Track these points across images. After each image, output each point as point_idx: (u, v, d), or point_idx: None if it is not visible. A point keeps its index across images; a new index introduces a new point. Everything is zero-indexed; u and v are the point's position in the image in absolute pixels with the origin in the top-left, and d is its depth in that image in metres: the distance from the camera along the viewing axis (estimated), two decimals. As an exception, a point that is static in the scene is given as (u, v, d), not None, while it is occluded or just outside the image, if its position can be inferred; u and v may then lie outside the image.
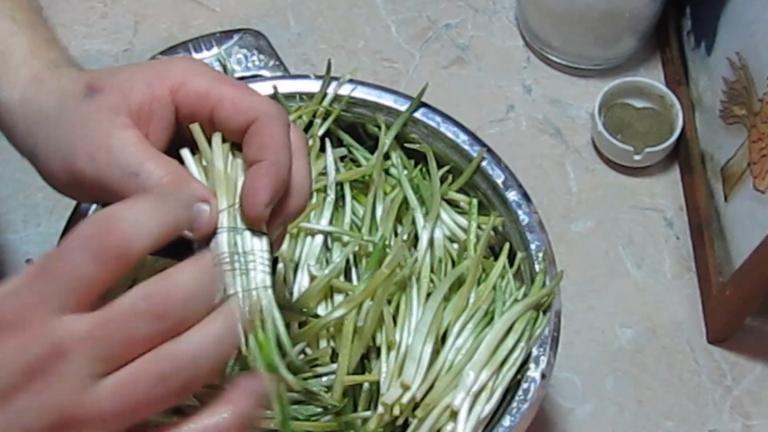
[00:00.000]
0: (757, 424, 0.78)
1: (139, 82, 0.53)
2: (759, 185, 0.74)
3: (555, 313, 0.67)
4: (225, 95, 0.52)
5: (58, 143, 0.53)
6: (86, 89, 0.53)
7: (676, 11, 0.93)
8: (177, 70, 0.53)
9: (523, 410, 0.63)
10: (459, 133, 0.74)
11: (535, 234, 0.70)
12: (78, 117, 0.53)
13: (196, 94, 0.53)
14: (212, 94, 0.52)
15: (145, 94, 0.52)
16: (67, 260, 0.41)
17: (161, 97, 0.53)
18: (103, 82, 0.53)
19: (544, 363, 0.65)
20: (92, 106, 0.53)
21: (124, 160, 0.51)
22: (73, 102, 0.53)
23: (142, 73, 0.53)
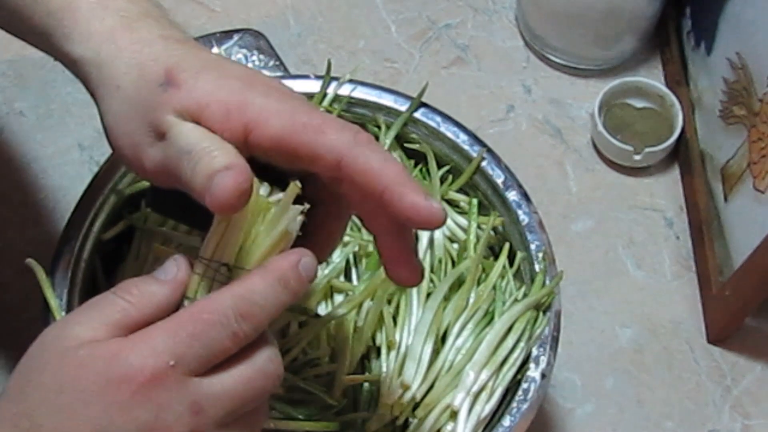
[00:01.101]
0: (757, 424, 0.78)
1: (220, 106, 0.51)
2: (759, 185, 0.74)
3: (555, 313, 0.67)
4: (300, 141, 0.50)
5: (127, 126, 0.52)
6: (165, 77, 0.51)
7: (676, 11, 0.93)
8: (257, 104, 0.51)
9: (523, 410, 0.63)
10: (459, 133, 0.74)
11: (535, 234, 0.70)
12: (149, 105, 0.51)
13: (272, 139, 0.50)
14: (287, 140, 0.50)
15: (217, 120, 0.50)
16: (207, 332, 0.47)
17: (234, 130, 0.50)
18: (184, 79, 0.51)
19: (544, 363, 0.65)
20: (164, 98, 0.51)
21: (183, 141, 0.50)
22: (149, 87, 0.51)
23: (223, 91, 0.51)
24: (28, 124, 0.90)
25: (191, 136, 0.50)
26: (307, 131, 0.50)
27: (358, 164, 0.50)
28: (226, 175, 0.47)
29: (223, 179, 0.47)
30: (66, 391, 0.45)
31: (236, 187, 0.47)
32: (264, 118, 0.50)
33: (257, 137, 0.50)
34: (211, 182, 0.48)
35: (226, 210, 0.48)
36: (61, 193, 0.87)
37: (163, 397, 0.45)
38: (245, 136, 0.51)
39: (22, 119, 0.91)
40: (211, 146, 0.49)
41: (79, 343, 0.46)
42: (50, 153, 0.89)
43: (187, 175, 0.49)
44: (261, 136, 0.50)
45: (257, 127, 0.50)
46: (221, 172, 0.48)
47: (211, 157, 0.49)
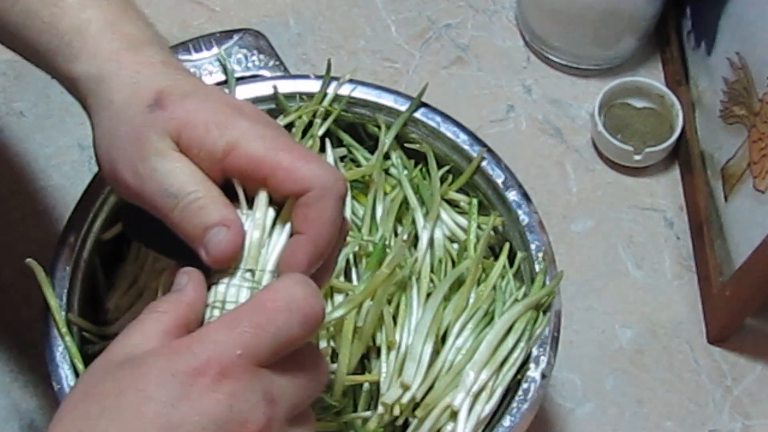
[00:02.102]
0: (757, 424, 0.78)
1: (200, 122, 0.52)
2: (759, 185, 0.74)
3: (555, 313, 0.67)
4: (281, 164, 0.51)
5: (111, 144, 0.54)
6: (153, 99, 0.53)
7: (676, 11, 0.93)
8: (239, 127, 0.52)
9: (523, 410, 0.63)
10: (459, 133, 0.74)
11: (535, 234, 0.70)
12: (136, 126, 0.52)
13: (249, 160, 0.51)
14: (267, 162, 0.51)
15: (200, 137, 0.52)
16: (274, 321, 0.46)
17: (213, 151, 0.52)
18: (171, 101, 0.52)
19: (544, 363, 0.65)
20: (149, 120, 0.52)
21: (168, 182, 0.51)
22: (137, 108, 0.53)
23: (208, 111, 0.52)
24: (28, 124, 0.90)
25: (176, 176, 0.51)
26: (292, 153, 0.52)
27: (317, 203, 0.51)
28: (221, 234, 0.50)
29: (218, 237, 0.50)
30: (126, 391, 0.44)
31: (232, 247, 0.50)
32: (246, 139, 0.52)
33: (237, 157, 0.51)
34: (205, 237, 0.50)
35: (215, 265, 0.51)
36: (61, 193, 0.87)
37: (235, 388, 0.44)
38: (224, 156, 0.51)
39: (22, 119, 0.91)
40: (197, 194, 0.51)
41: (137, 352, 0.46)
42: (50, 153, 0.89)
43: (173, 217, 0.51)
44: (241, 156, 0.51)
45: (238, 147, 0.51)
46: (216, 227, 0.50)
47: (200, 209, 0.51)
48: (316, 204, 0.51)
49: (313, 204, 0.51)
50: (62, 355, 0.64)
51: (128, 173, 0.53)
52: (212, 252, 0.50)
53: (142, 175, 0.52)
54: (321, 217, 0.51)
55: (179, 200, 0.51)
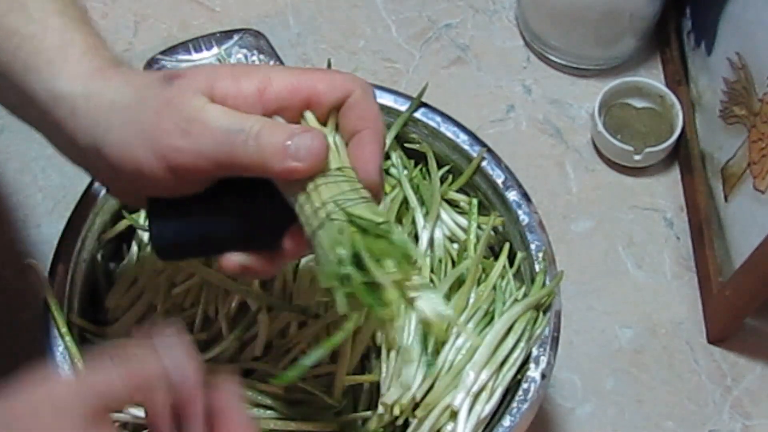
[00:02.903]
0: (757, 424, 0.78)
1: (225, 74, 0.53)
2: (759, 185, 0.74)
3: (555, 313, 0.67)
4: (316, 80, 0.54)
5: (140, 128, 0.53)
6: (165, 78, 0.53)
7: (676, 11, 0.93)
8: (261, 68, 0.54)
9: (523, 410, 0.63)
10: (459, 133, 0.74)
11: (535, 234, 0.70)
12: (162, 100, 0.53)
13: (287, 89, 0.53)
14: (303, 84, 0.54)
15: (231, 86, 0.53)
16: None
17: (249, 94, 0.53)
18: (183, 71, 0.54)
19: (544, 363, 0.65)
20: (174, 89, 0.53)
21: (223, 124, 0.52)
22: (152, 90, 0.53)
23: (226, 67, 0.55)
24: (28, 124, 0.90)
25: (230, 114, 0.52)
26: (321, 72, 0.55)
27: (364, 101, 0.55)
28: (305, 138, 0.52)
29: (305, 142, 0.52)
30: None
31: (321, 145, 0.52)
32: (275, 74, 0.54)
33: (274, 91, 0.53)
34: (291, 148, 0.51)
35: (312, 170, 0.52)
36: (61, 193, 0.87)
37: None
38: (260, 95, 0.53)
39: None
40: (260, 120, 0.52)
41: None
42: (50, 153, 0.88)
43: (248, 149, 0.52)
44: (278, 88, 0.53)
45: (270, 83, 0.53)
46: (296, 135, 0.52)
47: (272, 128, 0.52)
48: (362, 101, 0.55)
49: (360, 102, 0.54)
50: (62, 355, 0.64)
51: (181, 140, 0.52)
52: (306, 156, 0.51)
53: (195, 134, 0.52)
54: (372, 110, 0.55)
55: (247, 131, 0.52)
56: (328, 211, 0.51)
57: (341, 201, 0.52)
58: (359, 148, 0.54)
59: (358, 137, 0.54)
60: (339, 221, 0.51)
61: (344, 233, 0.51)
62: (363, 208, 0.52)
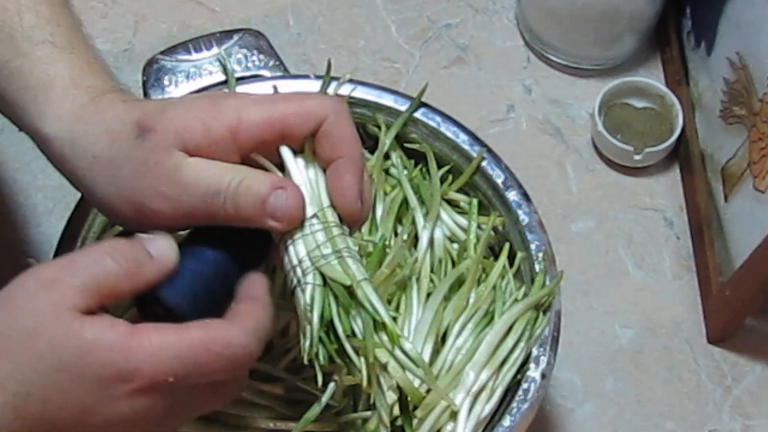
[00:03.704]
0: (757, 424, 0.78)
1: (194, 121, 0.52)
2: (759, 185, 0.74)
3: (555, 313, 0.67)
4: (287, 111, 0.53)
5: (120, 187, 0.53)
6: (137, 129, 0.53)
7: (676, 11, 0.93)
8: (230, 106, 0.53)
9: (523, 410, 0.63)
10: (459, 133, 0.74)
11: (535, 234, 0.70)
12: (136, 160, 0.52)
13: (259, 127, 0.53)
14: (275, 118, 0.53)
15: (201, 136, 0.52)
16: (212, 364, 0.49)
17: (220, 139, 0.52)
18: (154, 121, 0.53)
19: (544, 363, 0.65)
20: (147, 147, 0.52)
21: (200, 186, 0.52)
22: (126, 144, 0.53)
23: (195, 111, 0.53)
24: (28, 124, 0.90)
25: (206, 175, 0.52)
26: (291, 101, 0.53)
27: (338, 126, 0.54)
28: (281, 195, 0.52)
29: (281, 200, 0.52)
30: (66, 370, 0.46)
31: (297, 201, 0.52)
32: (244, 112, 0.53)
33: (246, 130, 0.52)
34: (267, 207, 0.52)
35: (289, 227, 0.52)
36: (61, 193, 0.87)
37: (150, 403, 0.48)
38: (233, 137, 0.52)
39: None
40: (236, 177, 0.52)
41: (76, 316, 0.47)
42: (50, 153, 0.89)
43: (227, 211, 0.52)
44: (249, 127, 0.52)
45: (241, 122, 0.52)
46: (272, 193, 0.52)
47: (248, 188, 0.52)
48: (336, 127, 0.53)
49: (334, 128, 0.53)
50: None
51: (161, 204, 0.52)
52: (282, 214, 0.52)
53: (174, 197, 0.52)
54: (346, 136, 0.54)
55: (223, 192, 0.52)
56: (304, 269, 0.53)
57: (316, 258, 0.53)
58: (336, 179, 0.54)
59: (334, 167, 0.54)
60: (311, 285, 0.53)
61: (315, 300, 0.52)
62: (335, 268, 0.53)
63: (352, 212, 0.54)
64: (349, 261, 0.53)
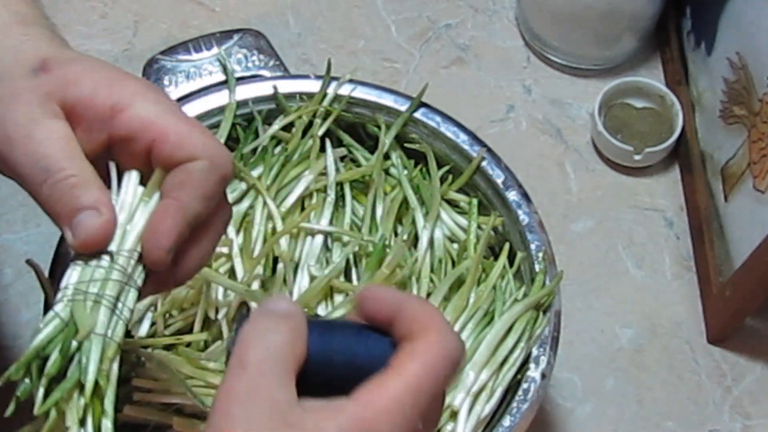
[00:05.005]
0: (757, 424, 0.78)
1: (87, 81, 0.50)
2: (759, 185, 0.74)
3: (555, 313, 0.67)
4: (172, 128, 0.50)
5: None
6: (38, 65, 0.51)
7: (676, 11, 0.93)
8: (129, 89, 0.51)
9: (523, 410, 0.63)
10: (459, 133, 0.74)
11: (535, 234, 0.70)
12: (14, 90, 0.50)
13: (140, 121, 0.50)
14: (158, 125, 0.50)
15: (85, 95, 0.50)
16: None
17: (100, 110, 0.50)
18: (55, 65, 0.51)
19: (544, 363, 0.65)
20: (31, 84, 0.50)
21: (41, 152, 0.49)
22: (20, 71, 0.51)
23: (95, 73, 0.51)
24: (28, 124, 0.90)
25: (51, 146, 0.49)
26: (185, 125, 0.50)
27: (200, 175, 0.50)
28: (92, 218, 0.48)
29: (89, 221, 0.48)
30: None
31: (102, 233, 0.48)
32: (139, 101, 0.50)
33: (126, 118, 0.50)
34: (74, 219, 0.48)
35: (85, 249, 0.48)
36: (61, 193, 0.86)
37: None
38: (112, 116, 0.50)
39: (22, 119, 0.91)
40: (70, 170, 0.49)
41: None
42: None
43: (41, 192, 0.49)
44: (131, 117, 0.50)
45: (128, 108, 0.50)
46: (86, 211, 0.48)
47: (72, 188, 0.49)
48: (198, 173, 0.49)
49: (195, 173, 0.49)
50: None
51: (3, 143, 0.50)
52: (79, 236, 0.48)
53: (13, 140, 0.49)
54: (199, 188, 0.49)
55: (50, 175, 0.49)
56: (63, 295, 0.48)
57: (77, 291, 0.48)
58: (159, 218, 0.50)
59: (164, 205, 0.50)
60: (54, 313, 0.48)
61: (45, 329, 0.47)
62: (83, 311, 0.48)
63: (155, 259, 0.49)
64: (102, 309, 0.48)
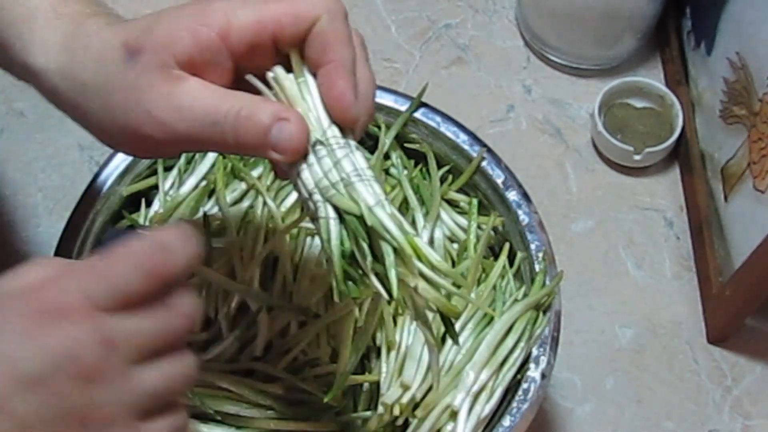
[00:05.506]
0: (757, 424, 0.78)
1: (183, 32, 0.51)
2: (759, 185, 0.74)
3: (555, 313, 0.67)
4: (279, 12, 0.51)
5: (113, 113, 0.52)
6: (125, 52, 0.51)
7: (676, 11, 0.93)
8: (218, 11, 0.51)
9: (523, 410, 0.63)
10: (459, 133, 0.74)
11: (535, 234, 0.70)
12: (127, 84, 0.51)
13: (250, 29, 0.51)
14: (265, 19, 0.51)
15: (191, 45, 0.50)
16: (117, 269, 0.45)
17: (211, 45, 0.51)
18: (142, 40, 0.51)
19: (544, 363, 0.65)
20: (137, 69, 0.51)
21: (197, 113, 0.50)
22: (115, 68, 0.51)
23: (180, 21, 0.51)
24: (28, 124, 0.90)
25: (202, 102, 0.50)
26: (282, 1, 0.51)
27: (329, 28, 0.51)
28: (284, 128, 0.50)
29: (284, 132, 0.50)
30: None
31: (300, 134, 0.50)
32: (233, 16, 0.51)
33: (237, 36, 0.51)
34: (270, 139, 0.50)
35: (292, 160, 0.50)
36: (61, 193, 0.87)
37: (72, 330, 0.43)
38: (225, 44, 0.51)
39: (22, 119, 0.91)
40: (233, 107, 0.50)
41: None
42: (50, 153, 0.89)
43: (228, 142, 0.50)
44: (240, 32, 0.51)
45: (230, 27, 0.51)
46: (274, 125, 0.50)
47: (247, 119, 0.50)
48: (329, 29, 0.51)
49: (326, 30, 0.51)
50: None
51: (155, 129, 0.51)
52: (285, 148, 0.50)
53: (169, 123, 0.51)
54: (338, 38, 0.51)
55: (223, 125, 0.50)
56: (315, 202, 0.51)
57: (325, 189, 0.50)
58: (328, 88, 0.51)
59: (324, 73, 0.51)
60: (324, 219, 0.50)
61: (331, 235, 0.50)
62: (343, 198, 0.50)
63: (350, 118, 0.51)
64: (358, 186, 0.50)
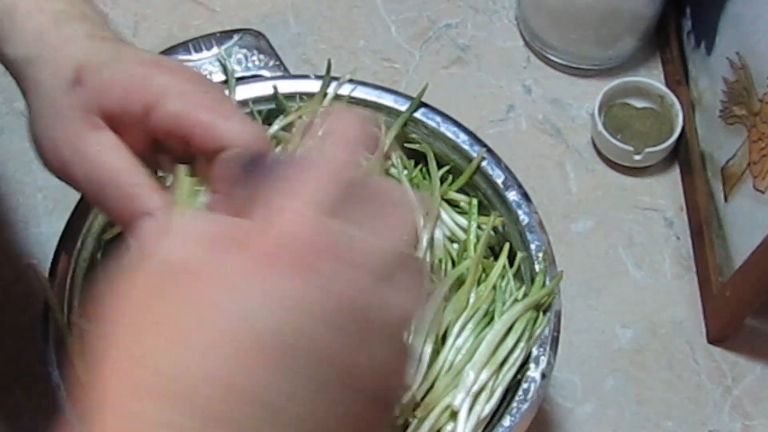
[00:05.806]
0: (757, 424, 0.78)
1: (117, 88, 0.51)
2: (759, 185, 0.74)
3: (555, 313, 0.67)
4: (198, 120, 0.50)
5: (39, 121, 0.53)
6: (74, 76, 0.52)
7: (676, 11, 0.93)
8: (158, 85, 0.51)
9: (523, 410, 0.63)
10: (459, 133, 0.74)
11: (535, 234, 0.70)
12: (60, 106, 0.52)
13: (169, 118, 0.50)
14: (185, 120, 0.50)
15: (117, 105, 0.51)
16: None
17: (134, 113, 0.51)
18: (89, 75, 0.52)
19: (544, 363, 0.65)
20: (72, 99, 0.52)
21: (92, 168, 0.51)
22: (60, 85, 0.52)
23: (124, 77, 0.52)
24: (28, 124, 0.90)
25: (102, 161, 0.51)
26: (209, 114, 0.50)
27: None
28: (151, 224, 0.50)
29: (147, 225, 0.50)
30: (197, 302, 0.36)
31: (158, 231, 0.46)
32: (165, 97, 0.51)
33: (157, 117, 0.51)
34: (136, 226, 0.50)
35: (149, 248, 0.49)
36: (61, 193, 0.86)
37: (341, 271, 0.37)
38: (145, 117, 0.51)
39: (22, 119, 0.91)
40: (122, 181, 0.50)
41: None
42: (50, 153, 0.89)
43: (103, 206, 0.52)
44: (160, 115, 0.50)
45: (157, 106, 0.51)
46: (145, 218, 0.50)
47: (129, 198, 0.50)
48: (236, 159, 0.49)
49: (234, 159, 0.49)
50: (62, 355, 0.64)
51: (56, 165, 0.52)
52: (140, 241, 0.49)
53: (66, 158, 0.52)
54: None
55: (106, 190, 0.51)
56: None
57: None
58: None
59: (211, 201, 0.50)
60: None
61: None
62: None
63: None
64: None
